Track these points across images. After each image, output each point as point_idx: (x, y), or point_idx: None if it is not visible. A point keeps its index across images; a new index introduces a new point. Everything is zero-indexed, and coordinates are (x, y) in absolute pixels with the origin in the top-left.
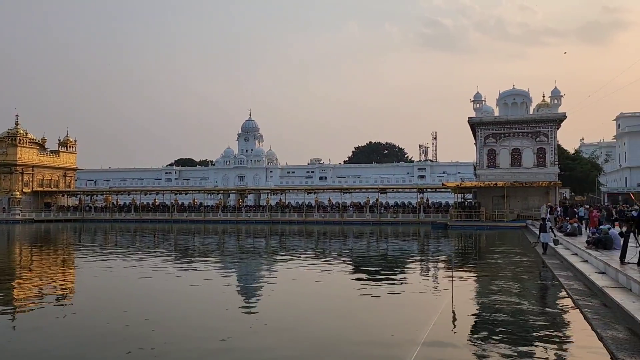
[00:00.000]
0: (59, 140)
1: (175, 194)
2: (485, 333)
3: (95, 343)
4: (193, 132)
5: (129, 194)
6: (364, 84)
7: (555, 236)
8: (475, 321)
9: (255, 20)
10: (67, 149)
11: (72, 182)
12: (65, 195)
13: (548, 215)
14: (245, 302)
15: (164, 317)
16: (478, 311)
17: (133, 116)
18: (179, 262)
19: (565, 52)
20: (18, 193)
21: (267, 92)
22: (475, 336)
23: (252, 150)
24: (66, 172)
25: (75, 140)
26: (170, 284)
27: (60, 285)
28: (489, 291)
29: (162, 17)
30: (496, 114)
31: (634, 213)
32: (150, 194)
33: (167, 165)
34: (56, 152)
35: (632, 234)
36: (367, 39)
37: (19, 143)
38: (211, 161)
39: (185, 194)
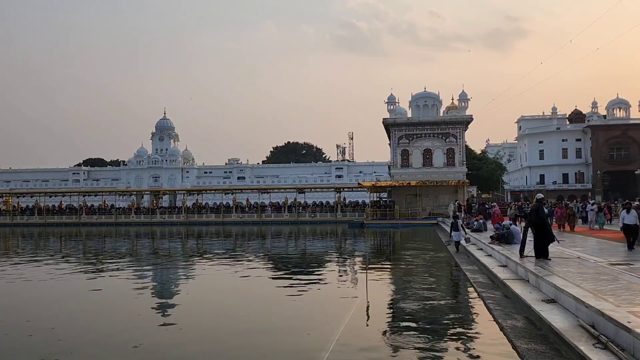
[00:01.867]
0: None
1: (84, 196)
2: (398, 326)
3: None
4: (103, 131)
5: (32, 196)
6: (282, 83)
7: (466, 234)
8: (388, 315)
9: (170, 17)
10: None
11: None
12: None
13: (457, 213)
14: (160, 307)
15: (70, 325)
16: (391, 306)
17: (37, 113)
18: (87, 267)
19: (469, 51)
20: None
21: (184, 90)
22: (389, 329)
23: (167, 150)
24: None
25: None
26: (78, 290)
27: None
28: (402, 286)
29: (73, 10)
30: (409, 115)
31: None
32: (56, 196)
33: (74, 166)
34: None
35: (529, 229)
36: (284, 39)
37: None
38: (123, 161)
39: (95, 196)
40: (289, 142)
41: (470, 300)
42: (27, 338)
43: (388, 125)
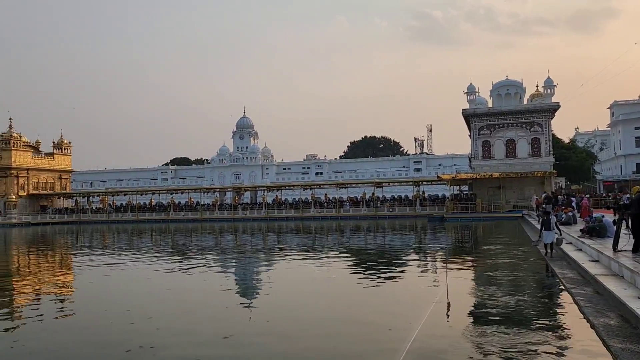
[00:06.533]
0: (54, 142)
1: (172, 194)
2: (480, 324)
3: (98, 345)
4: (188, 131)
5: (125, 195)
6: (356, 78)
7: (560, 234)
8: (470, 312)
9: (245, 17)
10: (61, 151)
11: (68, 184)
12: (61, 198)
13: (545, 206)
14: (246, 300)
15: (166, 315)
16: (473, 302)
17: (128, 116)
18: (177, 261)
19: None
20: (14, 197)
21: (261, 88)
22: (470, 327)
23: (247, 147)
24: (61, 174)
25: (69, 142)
26: (170, 282)
27: (59, 288)
28: (484, 282)
29: (165, 14)
30: (490, 105)
31: (626, 201)
32: (146, 194)
33: (162, 165)
34: (51, 154)
35: (624, 222)
36: (357, 33)
37: (13, 146)
38: (207, 159)
39: (182, 193)
40: (366, 137)
41: (558, 296)
42: (129, 326)
43: (468, 116)
